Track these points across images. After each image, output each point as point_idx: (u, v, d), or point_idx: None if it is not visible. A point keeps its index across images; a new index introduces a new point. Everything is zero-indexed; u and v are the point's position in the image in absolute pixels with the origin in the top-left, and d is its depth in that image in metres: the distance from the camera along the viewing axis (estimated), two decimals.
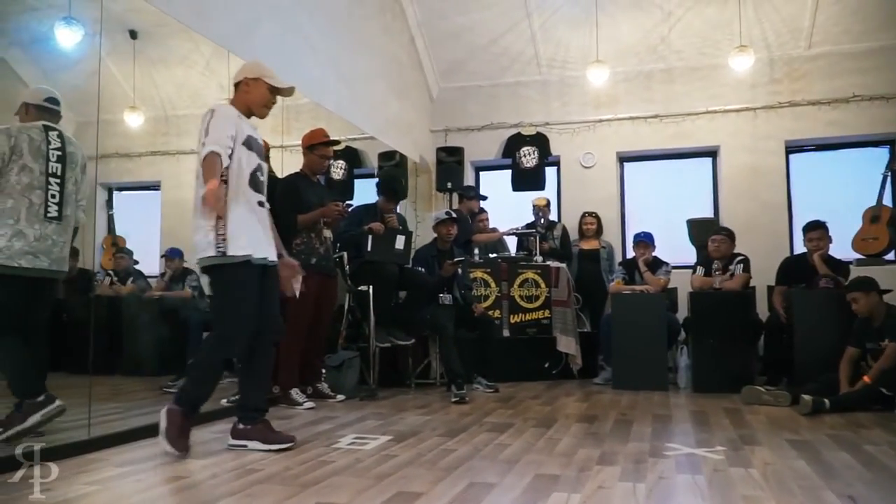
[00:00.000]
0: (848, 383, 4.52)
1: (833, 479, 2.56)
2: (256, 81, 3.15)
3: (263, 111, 3.23)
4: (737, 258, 5.72)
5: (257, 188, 3.14)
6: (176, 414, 2.97)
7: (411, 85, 7.68)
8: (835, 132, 6.97)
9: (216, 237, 2.96)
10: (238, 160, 3.06)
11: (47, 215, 3.26)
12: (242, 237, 3.00)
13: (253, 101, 3.18)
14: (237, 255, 2.98)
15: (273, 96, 3.22)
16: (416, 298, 5.46)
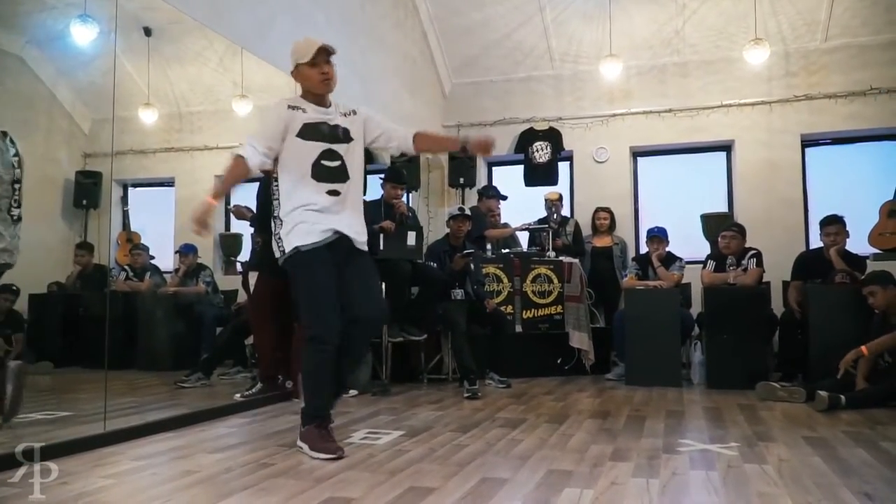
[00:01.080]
0: (865, 380, 4.48)
1: (850, 476, 2.53)
2: (297, 69, 3.10)
3: (321, 87, 3.05)
4: (749, 252, 5.67)
5: (324, 177, 2.97)
6: (309, 432, 2.90)
7: (424, 81, 7.68)
8: (852, 126, 6.90)
9: (277, 240, 2.97)
10: (289, 156, 2.97)
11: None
12: (295, 228, 2.92)
13: (307, 86, 3.09)
14: (298, 246, 2.92)
15: (316, 69, 3.04)
16: (428, 294, 5.46)
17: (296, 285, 3.00)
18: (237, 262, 6.33)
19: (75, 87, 4.89)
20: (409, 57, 7.30)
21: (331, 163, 2.97)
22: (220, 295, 6.01)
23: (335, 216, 2.96)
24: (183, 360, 5.25)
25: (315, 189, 2.94)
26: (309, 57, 3.02)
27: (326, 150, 2.98)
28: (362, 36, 6.21)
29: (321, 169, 2.96)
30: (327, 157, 2.97)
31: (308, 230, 2.91)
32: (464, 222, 5.63)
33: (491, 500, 2.22)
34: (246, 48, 4.71)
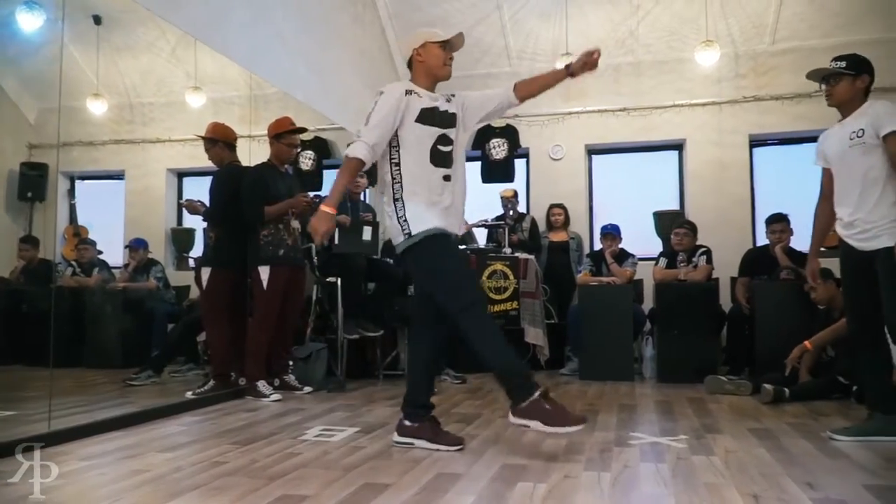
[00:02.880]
0: (809, 373, 4.63)
1: (793, 466, 2.62)
2: (424, 47, 3.05)
3: (445, 70, 3.08)
4: (700, 250, 5.81)
5: (440, 162, 2.98)
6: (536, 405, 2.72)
7: (382, 75, 7.63)
8: (798, 127, 7.08)
9: (399, 220, 2.91)
10: (410, 140, 2.96)
11: None
12: (425, 214, 2.90)
13: (431, 66, 3.06)
14: (423, 231, 2.88)
15: (447, 52, 3.07)
16: (385, 289, 5.46)
17: (429, 266, 2.94)
18: (189, 258, 6.22)
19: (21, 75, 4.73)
20: (368, 52, 7.25)
21: (444, 147, 3.00)
22: (172, 291, 5.90)
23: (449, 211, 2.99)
24: (132, 358, 5.13)
25: (433, 174, 2.96)
26: (447, 37, 3.05)
27: (441, 135, 2.99)
28: (319, 29, 6.15)
29: (437, 154, 2.97)
30: (442, 141, 2.99)
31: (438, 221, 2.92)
32: None
33: (446, 494, 2.23)
34: (200, 39, 4.63)
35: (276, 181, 4.69)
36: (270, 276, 4.54)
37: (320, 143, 7.19)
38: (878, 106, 3.06)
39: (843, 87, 3.11)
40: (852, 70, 3.10)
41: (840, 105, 3.16)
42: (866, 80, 3.11)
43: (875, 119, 3.01)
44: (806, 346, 4.56)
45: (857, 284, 3.18)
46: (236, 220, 4.59)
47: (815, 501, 2.15)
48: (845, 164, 3.13)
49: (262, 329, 4.54)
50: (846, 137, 3.09)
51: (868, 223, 3.04)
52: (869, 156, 3.02)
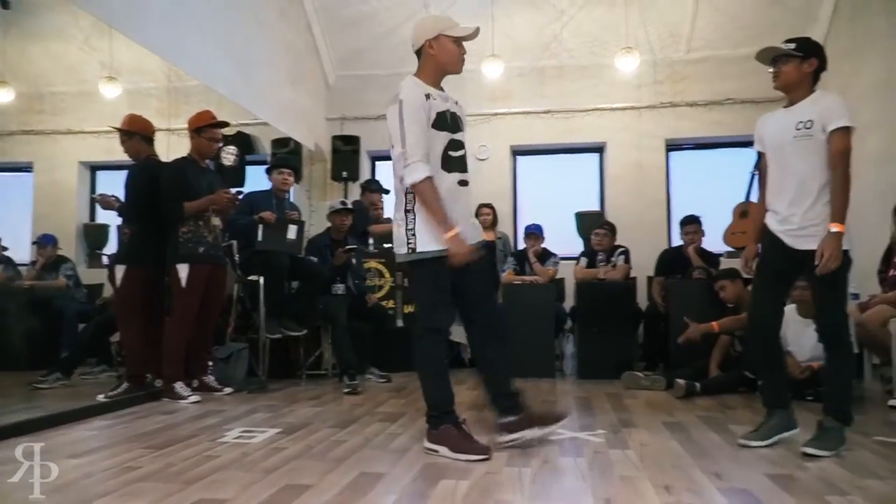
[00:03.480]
0: (718, 368, 4.84)
1: (703, 458, 2.74)
2: (437, 39, 2.92)
3: (458, 66, 2.98)
4: (618, 250, 5.99)
5: (451, 167, 2.88)
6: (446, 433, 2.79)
7: (307, 71, 7.54)
8: (711, 132, 7.40)
9: (406, 232, 2.84)
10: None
11: None
12: (432, 231, 2.82)
13: (443, 61, 2.94)
14: (426, 252, 2.82)
15: (461, 46, 2.96)
16: (308, 288, 5.39)
17: (421, 283, 2.95)
18: (103, 255, 6.00)
19: None
20: (293, 46, 7.15)
21: (456, 152, 2.91)
22: (84, 289, 5.67)
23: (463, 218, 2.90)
24: (40, 360, 4.92)
25: (447, 180, 2.86)
26: (463, 33, 2.93)
27: (452, 140, 2.90)
28: (242, 21, 6.02)
29: (448, 159, 2.88)
30: (453, 146, 2.90)
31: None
32: (346, 216, 5.59)
33: (368, 494, 2.23)
34: (115, 27, 4.46)
35: (197, 176, 4.56)
36: (190, 274, 4.41)
37: (243, 138, 7.04)
38: (830, 99, 2.92)
39: (791, 69, 2.95)
40: (801, 52, 2.94)
41: (786, 87, 2.99)
42: (814, 63, 2.95)
43: (825, 111, 2.85)
44: (713, 326, 4.77)
45: (775, 279, 3.02)
46: (153, 217, 4.44)
47: (721, 491, 2.25)
48: (786, 154, 2.95)
49: (179, 329, 4.41)
50: (791, 126, 2.92)
51: (806, 221, 2.88)
52: (812, 150, 2.87)
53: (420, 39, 2.95)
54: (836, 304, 2.90)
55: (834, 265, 2.75)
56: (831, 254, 2.74)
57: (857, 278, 5.07)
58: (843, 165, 2.80)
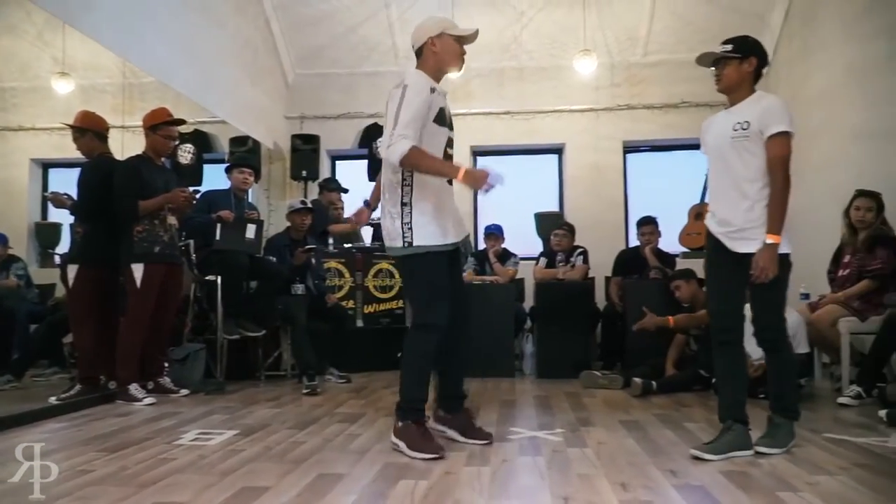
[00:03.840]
0: (673, 367, 4.93)
1: (658, 455, 2.79)
2: (441, 37, 2.95)
3: (459, 63, 3.02)
4: (577, 250, 6.07)
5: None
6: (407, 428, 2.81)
7: (266, 69, 7.47)
8: (667, 135, 7.54)
9: (402, 226, 2.82)
10: (427, 142, 2.83)
11: None
12: (429, 225, 2.85)
13: (445, 59, 2.97)
14: (423, 246, 2.83)
15: (461, 46, 3.00)
16: (267, 288, 5.34)
17: (418, 278, 2.92)
18: (55, 254, 5.85)
19: None
20: (251, 44, 7.07)
21: (451, 150, 2.95)
22: (35, 289, 5.53)
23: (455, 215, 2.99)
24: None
25: (442, 178, 2.90)
26: (465, 33, 2.98)
27: (449, 139, 2.94)
28: (199, 18, 5.93)
29: (446, 157, 2.90)
30: (450, 144, 2.95)
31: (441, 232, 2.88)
32: (306, 216, 5.55)
33: (327, 495, 2.22)
34: (69, 23, 4.36)
35: (153, 174, 4.48)
36: (145, 273, 4.34)
37: (200, 136, 6.95)
38: (770, 101, 2.86)
39: (731, 71, 2.90)
40: (739, 52, 2.89)
41: (728, 89, 2.94)
42: (754, 62, 2.89)
43: (764, 114, 2.80)
44: (669, 321, 4.85)
45: (724, 283, 2.95)
46: (107, 215, 4.35)
47: (676, 488, 2.30)
48: (724, 156, 2.90)
49: (134, 330, 4.33)
50: (730, 127, 2.87)
51: (745, 223, 2.83)
52: (749, 151, 2.81)
53: (423, 37, 2.98)
54: (773, 307, 2.88)
55: (768, 276, 2.75)
56: (765, 266, 2.75)
57: (807, 279, 5.23)
58: (781, 171, 2.77)
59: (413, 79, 2.85)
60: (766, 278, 2.75)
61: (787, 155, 2.78)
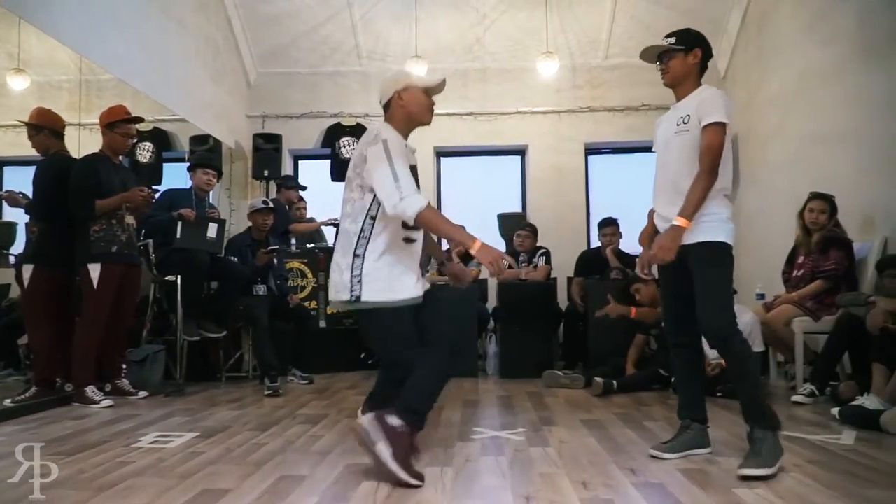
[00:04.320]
0: (633, 366, 5.01)
1: (619, 454, 2.83)
2: (407, 90, 2.83)
3: (428, 116, 2.90)
4: (540, 251, 6.12)
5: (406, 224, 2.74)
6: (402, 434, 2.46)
7: (227, 68, 7.38)
8: (627, 137, 7.64)
9: (351, 279, 2.67)
10: None
11: None
12: (379, 281, 2.68)
13: (414, 112, 2.85)
14: (370, 301, 2.67)
15: (430, 97, 2.89)
16: (228, 289, 5.28)
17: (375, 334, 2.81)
18: (10, 254, 5.70)
19: None
20: (212, 41, 6.98)
21: None
22: None
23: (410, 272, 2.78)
24: None
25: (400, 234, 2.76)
26: (431, 83, 2.87)
27: None
28: (159, 14, 5.85)
29: None
30: None
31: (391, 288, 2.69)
32: (268, 216, 5.51)
33: (288, 497, 2.21)
34: (25, 18, 4.26)
35: (110, 173, 4.40)
36: (101, 274, 4.26)
37: (160, 134, 6.83)
38: (708, 92, 2.78)
39: (676, 64, 2.84)
40: (682, 45, 2.84)
41: (674, 83, 2.88)
42: (698, 54, 2.84)
43: (701, 106, 2.72)
44: (631, 310, 4.92)
45: (673, 282, 2.85)
46: (62, 214, 4.26)
47: (636, 486, 2.34)
48: (667, 151, 2.85)
49: (90, 331, 4.25)
50: (674, 123, 2.83)
51: None
52: (688, 146, 2.73)
53: (389, 92, 2.87)
54: (712, 301, 2.65)
55: (663, 259, 2.64)
56: (662, 246, 2.64)
57: (762, 279, 5.36)
58: (707, 160, 2.64)
59: (389, 133, 2.75)
60: (661, 261, 2.66)
61: (716, 145, 2.64)
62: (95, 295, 4.25)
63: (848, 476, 2.47)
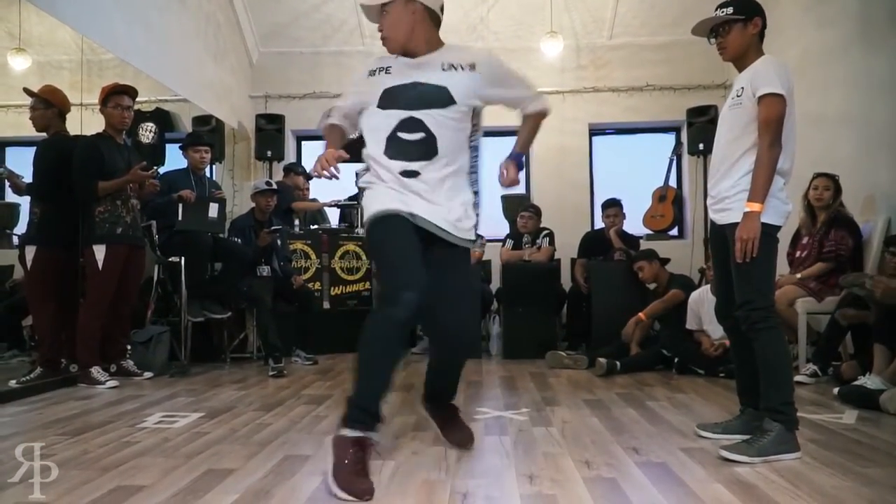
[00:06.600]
0: (638, 346, 5.01)
1: (621, 433, 2.84)
2: None
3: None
4: (543, 232, 6.11)
5: (399, 153, 2.39)
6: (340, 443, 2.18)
7: (229, 47, 7.32)
8: (631, 118, 7.59)
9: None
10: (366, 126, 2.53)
11: None
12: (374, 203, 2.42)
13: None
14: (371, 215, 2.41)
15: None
16: (232, 270, 5.28)
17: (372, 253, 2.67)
18: (13, 235, 5.70)
19: None
20: (213, 20, 6.91)
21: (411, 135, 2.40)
22: None
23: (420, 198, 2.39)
24: None
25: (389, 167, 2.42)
26: None
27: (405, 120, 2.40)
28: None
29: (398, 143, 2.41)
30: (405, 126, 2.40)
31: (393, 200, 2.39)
32: (271, 197, 5.50)
33: (293, 476, 2.23)
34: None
35: (113, 153, 4.39)
36: (106, 255, 4.26)
37: (162, 114, 6.79)
38: (761, 63, 2.58)
39: (736, 36, 2.61)
40: (742, 14, 2.60)
41: (735, 57, 2.66)
42: (759, 23, 2.61)
43: (754, 77, 2.54)
44: (640, 317, 4.93)
45: (718, 264, 2.74)
46: (64, 195, 4.26)
47: (638, 465, 2.35)
48: (722, 126, 2.70)
49: (95, 312, 4.26)
50: (730, 97, 2.68)
51: (721, 192, 2.63)
52: (739, 119, 2.58)
53: None
54: (748, 282, 2.52)
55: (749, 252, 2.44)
56: (744, 237, 2.44)
57: None
58: (766, 136, 2.47)
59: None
60: (748, 255, 2.45)
61: (774, 117, 2.47)
62: (100, 276, 4.25)
63: (847, 454, 2.48)
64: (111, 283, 4.30)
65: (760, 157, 2.48)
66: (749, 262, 2.47)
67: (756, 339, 2.52)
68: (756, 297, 2.51)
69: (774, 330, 2.53)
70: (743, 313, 2.53)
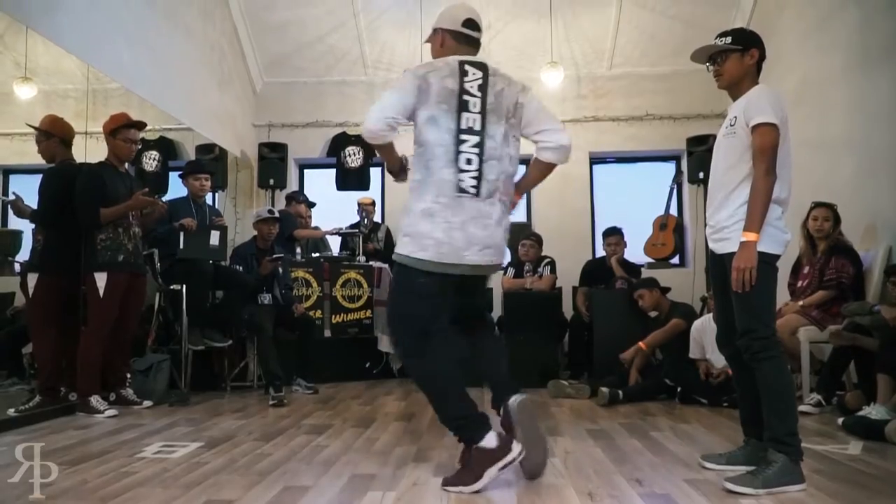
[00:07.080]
0: (638, 374, 4.98)
1: (624, 464, 2.82)
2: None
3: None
4: (544, 260, 6.11)
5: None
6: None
7: (233, 76, 7.40)
8: (631, 147, 7.65)
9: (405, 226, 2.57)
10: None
11: None
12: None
13: None
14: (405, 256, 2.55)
15: None
16: (233, 298, 5.28)
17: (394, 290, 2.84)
18: (15, 262, 5.72)
19: None
20: (218, 49, 7.00)
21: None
22: None
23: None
24: None
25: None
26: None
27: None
28: (165, 22, 5.87)
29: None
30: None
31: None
32: (273, 225, 5.51)
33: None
34: (31, 27, 4.29)
35: (115, 181, 4.41)
36: (108, 283, 4.26)
37: (166, 143, 6.87)
38: (754, 92, 2.62)
39: (732, 65, 2.67)
40: (740, 45, 2.66)
41: (730, 86, 2.71)
42: (755, 54, 2.66)
43: (748, 106, 2.57)
44: (641, 346, 4.91)
45: (720, 291, 2.72)
46: (68, 223, 4.27)
47: (642, 496, 2.33)
48: (716, 155, 2.73)
49: (95, 340, 4.25)
50: (724, 126, 2.70)
51: (719, 222, 2.63)
52: (733, 149, 2.60)
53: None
54: (747, 311, 2.52)
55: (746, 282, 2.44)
56: (740, 267, 2.45)
57: None
58: (761, 164, 2.48)
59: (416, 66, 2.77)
60: (745, 285, 2.45)
61: (768, 146, 2.48)
62: (101, 304, 4.25)
63: (852, 485, 2.45)
64: (112, 311, 4.30)
65: (756, 186, 2.49)
66: (749, 291, 2.46)
67: (758, 368, 2.50)
68: (757, 325, 2.50)
69: (776, 359, 2.50)
70: (744, 342, 2.52)
